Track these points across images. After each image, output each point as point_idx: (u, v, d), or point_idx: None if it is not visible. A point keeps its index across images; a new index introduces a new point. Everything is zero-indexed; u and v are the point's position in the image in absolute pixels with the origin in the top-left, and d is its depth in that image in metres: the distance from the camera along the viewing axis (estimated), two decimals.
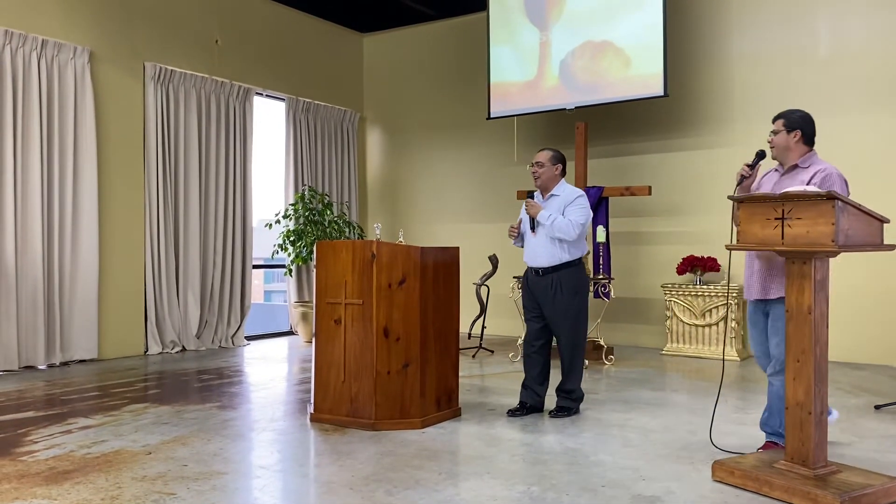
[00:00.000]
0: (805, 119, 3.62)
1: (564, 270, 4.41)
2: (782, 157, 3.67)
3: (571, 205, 4.41)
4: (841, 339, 6.11)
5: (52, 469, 3.41)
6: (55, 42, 6.31)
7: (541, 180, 4.51)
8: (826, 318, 3.08)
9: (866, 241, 2.97)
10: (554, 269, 4.41)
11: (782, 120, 3.66)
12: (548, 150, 4.54)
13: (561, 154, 4.56)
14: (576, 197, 4.44)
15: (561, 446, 3.83)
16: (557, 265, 4.40)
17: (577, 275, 4.45)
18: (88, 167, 6.52)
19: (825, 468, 3.04)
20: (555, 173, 4.50)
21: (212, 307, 7.57)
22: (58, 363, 6.31)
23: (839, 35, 6.68)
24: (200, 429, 4.18)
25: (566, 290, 4.40)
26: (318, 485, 3.24)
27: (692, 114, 7.38)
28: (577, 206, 4.41)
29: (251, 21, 8.22)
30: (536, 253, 4.46)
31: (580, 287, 4.46)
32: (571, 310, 4.43)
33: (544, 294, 4.44)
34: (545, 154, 4.52)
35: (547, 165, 4.49)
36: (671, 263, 7.28)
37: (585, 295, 4.53)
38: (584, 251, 4.53)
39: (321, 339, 4.32)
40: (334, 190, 9.13)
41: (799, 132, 3.59)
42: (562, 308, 4.42)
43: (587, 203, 4.47)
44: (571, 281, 4.41)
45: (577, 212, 4.38)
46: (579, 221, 4.35)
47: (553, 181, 4.51)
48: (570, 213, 4.38)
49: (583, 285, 4.50)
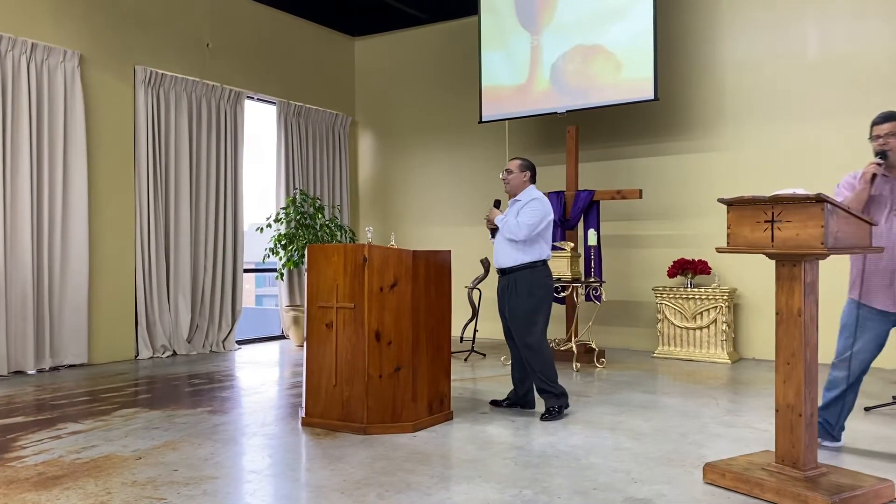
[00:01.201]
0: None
1: (521, 271, 4.57)
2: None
3: (525, 206, 4.60)
4: (831, 341, 6.14)
5: (41, 474, 3.38)
6: (45, 46, 6.28)
7: (509, 186, 4.74)
8: (816, 321, 3.10)
9: (855, 243, 2.99)
10: (512, 270, 4.60)
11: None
12: (517, 159, 4.81)
13: (530, 163, 4.78)
14: (530, 199, 4.63)
15: (553, 449, 3.83)
16: (514, 266, 4.58)
17: (532, 276, 4.57)
18: (78, 171, 6.49)
19: (815, 470, 3.05)
20: (523, 180, 4.72)
21: (203, 311, 7.54)
22: (47, 368, 6.27)
23: (827, 40, 6.72)
24: (191, 433, 4.16)
25: (520, 290, 4.56)
26: (310, 489, 3.23)
27: (683, 118, 7.42)
28: (530, 208, 4.58)
29: (242, 24, 8.21)
30: (498, 253, 4.68)
31: (535, 288, 4.56)
32: (520, 310, 4.56)
33: (503, 293, 4.67)
34: (515, 162, 4.77)
35: (516, 173, 4.72)
36: (662, 266, 7.30)
37: (542, 297, 4.59)
38: (545, 254, 4.63)
39: (313, 342, 4.31)
40: (326, 193, 9.12)
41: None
42: (514, 308, 4.58)
43: (542, 206, 4.60)
44: (526, 282, 4.56)
45: (528, 213, 4.56)
46: (527, 222, 4.50)
47: (521, 187, 4.71)
48: (521, 215, 4.57)
49: (539, 287, 4.58)
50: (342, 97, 9.60)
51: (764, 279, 6.54)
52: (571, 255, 6.49)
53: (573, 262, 6.50)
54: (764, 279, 6.54)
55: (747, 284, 6.97)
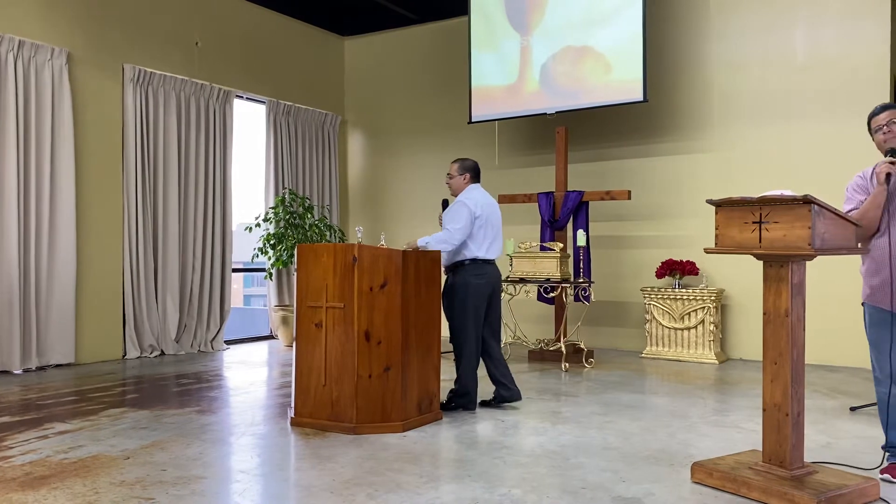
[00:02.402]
0: None
1: (454, 270, 4.77)
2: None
3: (449, 210, 4.79)
4: (817, 341, 6.20)
5: (28, 474, 3.36)
6: (32, 43, 6.24)
7: (451, 189, 4.95)
8: (803, 321, 3.12)
9: (842, 244, 3.02)
10: (448, 269, 4.82)
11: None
12: (456, 161, 4.96)
13: (470, 163, 4.92)
14: (456, 202, 4.79)
15: (541, 449, 3.85)
16: (446, 265, 4.81)
17: (457, 275, 4.72)
18: (66, 169, 6.45)
19: (802, 469, 3.08)
20: (463, 181, 4.89)
21: (191, 311, 7.51)
22: (34, 368, 6.23)
23: (815, 43, 6.78)
24: (179, 433, 4.14)
25: (448, 287, 4.76)
26: (299, 489, 3.23)
27: (671, 119, 7.46)
28: (452, 211, 4.76)
29: (231, 23, 8.18)
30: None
31: (458, 287, 4.70)
32: (448, 308, 4.74)
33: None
34: (454, 165, 4.94)
35: (455, 176, 4.91)
36: (650, 267, 7.34)
37: (464, 296, 4.67)
38: (472, 254, 4.71)
39: (302, 342, 4.30)
40: (315, 193, 9.11)
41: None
42: (446, 306, 4.75)
43: (464, 207, 4.68)
44: (452, 280, 4.76)
45: (452, 217, 4.71)
46: (452, 228, 4.64)
47: (462, 188, 4.89)
48: (446, 220, 4.73)
49: (462, 285, 4.68)
50: (332, 97, 9.59)
51: (751, 280, 6.59)
52: (560, 255, 6.51)
53: (562, 263, 6.52)
54: (751, 280, 6.59)
55: (735, 285, 7.02)
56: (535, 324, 7.75)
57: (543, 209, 7.16)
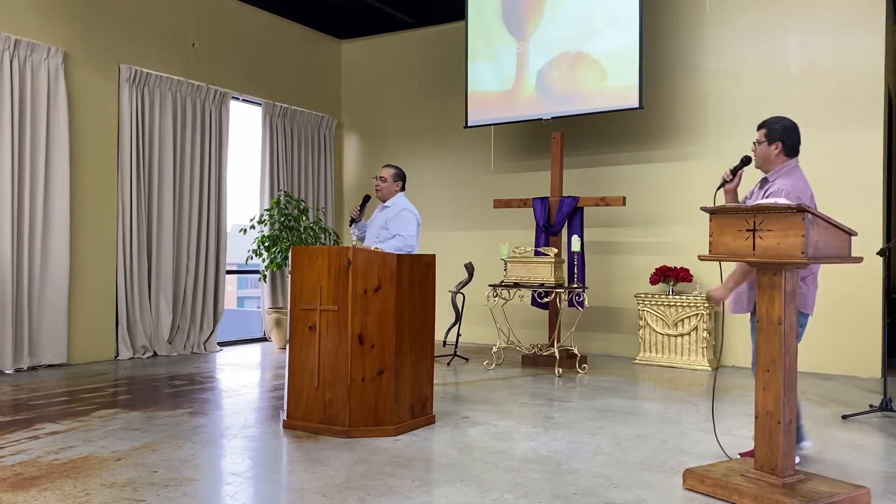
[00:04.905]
0: (787, 130, 3.60)
1: None
2: (763, 166, 3.68)
3: (395, 218, 4.88)
4: (810, 350, 6.21)
5: (18, 475, 3.35)
6: (28, 42, 6.22)
7: (381, 193, 5.07)
8: (795, 329, 3.13)
9: (835, 253, 3.03)
10: None
11: (764, 130, 3.64)
12: (391, 168, 5.04)
13: (403, 173, 5.11)
14: (400, 210, 4.91)
15: (534, 454, 3.85)
16: None
17: None
18: (61, 169, 6.43)
19: (793, 477, 3.09)
20: (395, 189, 5.05)
21: (184, 312, 7.49)
22: (25, 368, 6.20)
23: (809, 52, 6.81)
24: (171, 435, 4.13)
25: None
26: (291, 492, 3.22)
27: (666, 126, 7.48)
28: (402, 218, 4.87)
29: (228, 24, 8.18)
30: None
31: None
32: None
33: None
34: (388, 171, 5.05)
35: (389, 181, 5.04)
36: (644, 273, 7.35)
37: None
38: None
39: (295, 345, 4.30)
40: (310, 195, 9.10)
41: (780, 144, 3.60)
42: None
43: (413, 216, 4.93)
44: None
45: (403, 225, 4.83)
46: (406, 234, 4.81)
47: (392, 195, 5.05)
48: (396, 228, 4.82)
49: None
50: (328, 99, 9.59)
51: None
52: (555, 260, 6.52)
53: (556, 268, 6.53)
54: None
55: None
56: (528, 329, 7.76)
57: (538, 214, 7.18)
